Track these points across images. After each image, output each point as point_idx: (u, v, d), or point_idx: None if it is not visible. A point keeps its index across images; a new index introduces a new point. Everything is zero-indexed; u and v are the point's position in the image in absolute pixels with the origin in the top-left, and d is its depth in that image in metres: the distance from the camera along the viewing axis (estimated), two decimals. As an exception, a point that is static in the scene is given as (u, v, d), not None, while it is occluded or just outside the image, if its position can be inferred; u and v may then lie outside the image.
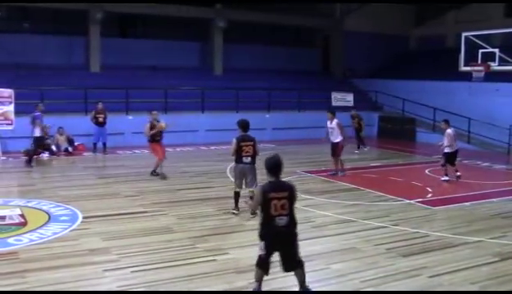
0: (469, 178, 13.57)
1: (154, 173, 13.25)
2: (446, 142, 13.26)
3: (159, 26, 24.82)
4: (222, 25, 24.05)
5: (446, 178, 13.25)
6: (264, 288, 6.42)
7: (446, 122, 13.59)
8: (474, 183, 13.25)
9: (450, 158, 13.34)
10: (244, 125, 9.83)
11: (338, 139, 13.73)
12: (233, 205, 9.86)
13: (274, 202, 5.62)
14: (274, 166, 5.78)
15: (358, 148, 18.79)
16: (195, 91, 20.90)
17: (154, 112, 13.45)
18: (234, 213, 9.70)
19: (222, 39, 24.56)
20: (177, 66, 23.66)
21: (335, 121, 13.75)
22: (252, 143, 9.70)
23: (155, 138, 13.16)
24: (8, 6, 20.10)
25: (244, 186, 9.77)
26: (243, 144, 9.68)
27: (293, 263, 5.92)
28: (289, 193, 5.74)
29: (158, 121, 13.28)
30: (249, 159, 9.69)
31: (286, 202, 5.68)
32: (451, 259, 7.52)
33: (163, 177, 12.98)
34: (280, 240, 5.80)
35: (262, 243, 5.86)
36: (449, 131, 13.31)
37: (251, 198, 8.89)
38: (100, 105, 17.23)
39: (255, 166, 9.70)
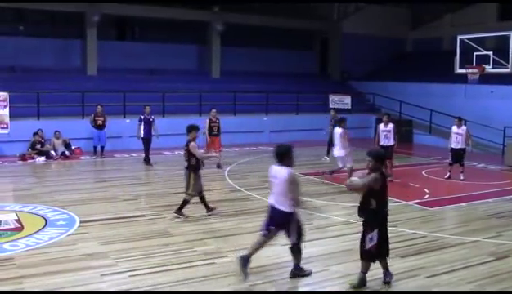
0: (465, 179, 13.64)
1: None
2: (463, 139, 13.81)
3: (157, 29, 24.81)
4: (219, 28, 24.06)
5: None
6: (272, 288, 6.43)
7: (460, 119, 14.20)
8: (470, 184, 13.29)
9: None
10: (187, 128, 9.65)
11: (391, 142, 13.82)
12: (232, 208, 9.85)
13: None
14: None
15: (328, 154, 17.39)
16: (192, 95, 20.88)
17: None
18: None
19: (219, 42, 24.58)
20: (174, 69, 23.64)
21: (391, 124, 13.95)
22: (186, 147, 9.45)
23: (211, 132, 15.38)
24: (3, 9, 20.03)
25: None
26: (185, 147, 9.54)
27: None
28: None
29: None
30: (185, 164, 9.51)
31: None
32: (448, 259, 7.58)
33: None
34: None
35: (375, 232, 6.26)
36: (464, 127, 14.12)
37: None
38: (99, 108, 17.18)
39: (191, 171, 9.44)
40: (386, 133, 13.90)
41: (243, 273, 6.43)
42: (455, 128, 14.11)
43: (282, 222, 6.50)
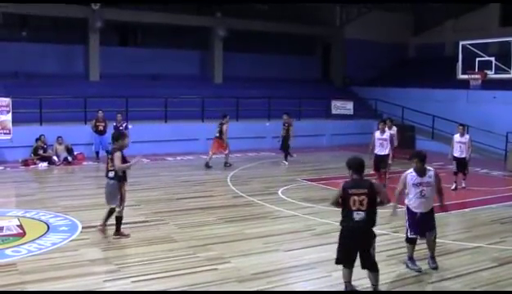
0: (468, 185, 13.57)
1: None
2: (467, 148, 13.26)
3: (159, 35, 24.87)
4: (222, 34, 24.10)
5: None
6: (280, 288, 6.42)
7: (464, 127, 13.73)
8: (473, 189, 13.26)
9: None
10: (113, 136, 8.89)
11: (387, 151, 13.10)
12: (235, 214, 9.81)
13: (353, 197, 6.09)
14: (358, 165, 6.29)
15: (286, 158, 17.28)
16: (195, 100, 20.91)
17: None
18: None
19: (222, 48, 24.61)
20: (177, 75, 23.67)
21: (390, 131, 13.36)
22: (110, 156, 8.58)
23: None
24: (7, 14, 20.12)
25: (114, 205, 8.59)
26: (108, 156, 8.77)
27: (367, 262, 6.23)
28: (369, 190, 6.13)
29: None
30: (110, 174, 8.57)
31: (365, 199, 6.09)
32: (451, 265, 7.56)
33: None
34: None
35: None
36: (467, 136, 13.59)
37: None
38: (100, 114, 17.22)
39: (114, 182, 8.49)
40: (382, 141, 13.10)
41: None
42: (457, 137, 13.43)
43: None
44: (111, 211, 8.58)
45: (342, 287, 6.67)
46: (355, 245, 6.22)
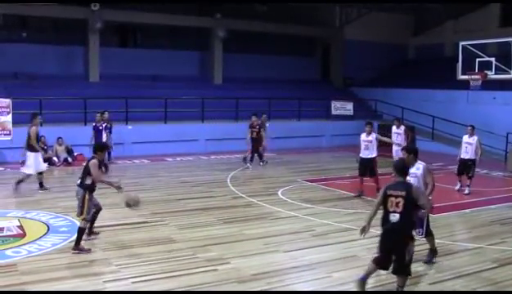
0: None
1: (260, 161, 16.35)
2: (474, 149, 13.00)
3: (159, 35, 24.89)
4: (221, 35, 24.11)
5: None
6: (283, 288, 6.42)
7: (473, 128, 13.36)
8: (473, 190, 13.23)
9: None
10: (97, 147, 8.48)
11: (374, 154, 12.46)
12: (234, 214, 9.79)
13: (391, 198, 6.16)
14: (399, 167, 6.45)
15: (261, 160, 16.94)
16: (194, 101, 20.91)
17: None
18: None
19: (221, 49, 24.62)
20: (176, 76, 23.69)
21: (374, 135, 12.56)
22: (86, 163, 8.20)
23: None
24: (6, 15, 20.14)
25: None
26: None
27: (398, 264, 6.17)
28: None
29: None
30: (78, 181, 8.16)
31: (401, 201, 6.10)
32: (451, 265, 7.56)
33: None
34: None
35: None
36: (476, 137, 13.18)
37: None
38: (105, 115, 17.11)
39: (85, 191, 8.01)
40: (367, 144, 12.40)
41: None
42: (466, 137, 13.22)
43: None
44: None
45: (342, 288, 6.68)
46: (390, 247, 6.18)
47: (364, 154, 12.41)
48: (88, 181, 8.02)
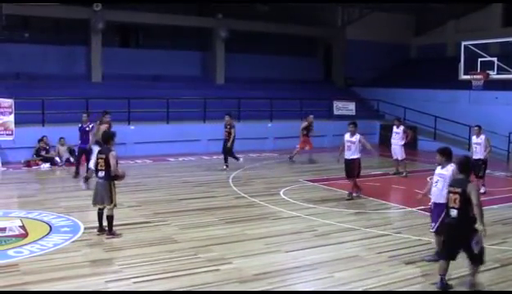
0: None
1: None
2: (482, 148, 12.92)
3: (161, 36, 24.89)
4: (223, 35, 24.11)
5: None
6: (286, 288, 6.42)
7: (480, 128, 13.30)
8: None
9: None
10: (105, 138, 8.94)
11: (356, 155, 12.03)
12: (236, 214, 9.82)
13: (450, 195, 6.49)
14: (460, 164, 6.66)
15: (237, 159, 16.42)
16: (196, 101, 20.91)
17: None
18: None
19: (223, 49, 24.62)
20: (178, 76, 23.69)
21: (358, 136, 12.00)
22: (104, 156, 8.59)
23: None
24: (9, 16, 20.15)
25: (98, 204, 8.73)
26: (99, 156, 8.78)
27: (471, 256, 6.43)
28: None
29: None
30: (102, 174, 8.64)
31: (458, 197, 6.36)
32: (453, 265, 7.49)
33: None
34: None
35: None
36: (483, 136, 13.12)
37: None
38: (107, 117, 17.07)
39: (109, 182, 8.61)
40: (349, 144, 11.96)
41: None
42: (473, 138, 13.34)
43: None
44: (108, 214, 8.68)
45: (343, 288, 6.68)
46: (453, 241, 6.48)
47: (347, 155, 12.04)
48: (112, 173, 8.58)
